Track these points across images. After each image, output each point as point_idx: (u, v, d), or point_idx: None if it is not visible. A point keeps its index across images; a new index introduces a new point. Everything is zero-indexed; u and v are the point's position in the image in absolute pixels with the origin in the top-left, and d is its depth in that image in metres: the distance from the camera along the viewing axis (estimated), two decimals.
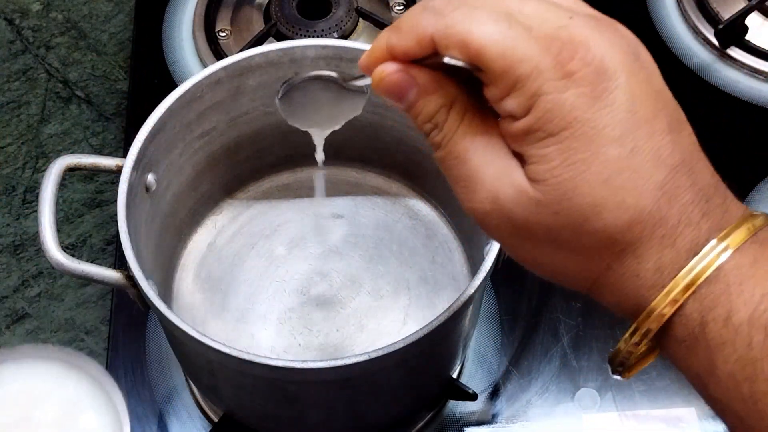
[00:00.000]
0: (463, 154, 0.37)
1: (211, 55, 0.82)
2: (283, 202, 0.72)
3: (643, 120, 0.35)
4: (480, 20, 0.35)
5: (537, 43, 0.34)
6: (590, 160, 0.34)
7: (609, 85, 0.34)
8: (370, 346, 0.64)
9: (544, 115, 0.34)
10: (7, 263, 0.77)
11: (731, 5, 0.85)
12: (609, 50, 0.35)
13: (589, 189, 0.34)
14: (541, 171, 0.35)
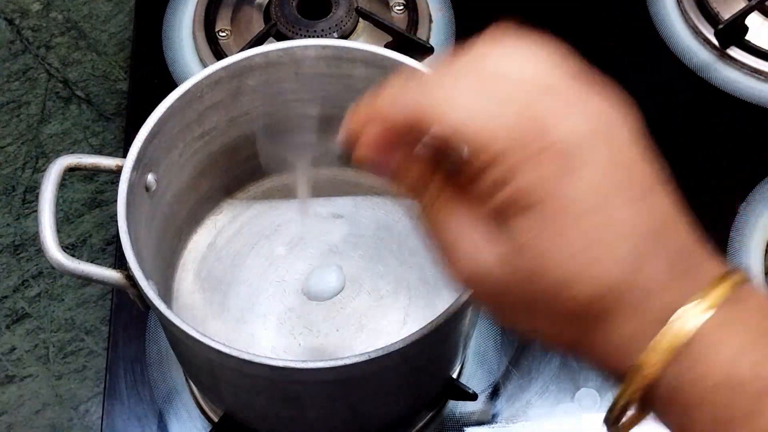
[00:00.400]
0: (445, 224, 0.39)
1: (211, 55, 0.82)
2: (283, 202, 0.72)
3: (613, 192, 0.36)
4: (455, 102, 0.36)
5: (509, 122, 0.36)
6: (561, 233, 0.36)
7: (578, 161, 0.36)
8: (370, 346, 0.64)
9: (518, 191, 0.36)
10: (7, 263, 0.77)
11: (731, 5, 0.85)
12: (578, 126, 0.36)
13: (561, 261, 0.36)
14: (516, 243, 0.36)
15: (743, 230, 0.74)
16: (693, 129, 0.81)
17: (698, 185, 0.77)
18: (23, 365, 0.72)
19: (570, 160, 0.35)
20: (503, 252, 0.37)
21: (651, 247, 0.36)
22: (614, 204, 0.36)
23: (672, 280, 0.36)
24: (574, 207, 0.35)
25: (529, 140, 0.35)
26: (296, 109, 0.67)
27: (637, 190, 0.37)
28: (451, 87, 0.37)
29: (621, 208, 0.36)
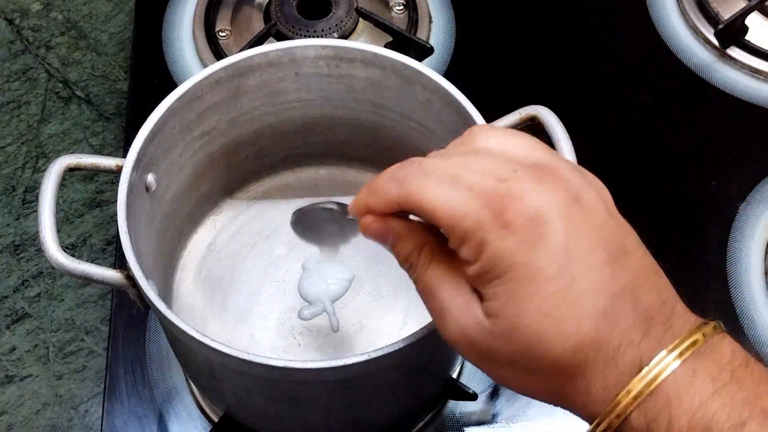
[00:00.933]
0: (433, 291, 0.43)
1: (211, 55, 0.82)
2: (283, 202, 0.72)
3: (579, 256, 0.39)
4: (429, 188, 0.41)
5: (478, 199, 0.39)
6: (531, 297, 0.39)
7: (544, 230, 0.39)
8: (370, 346, 0.64)
9: (489, 260, 0.39)
10: (7, 263, 0.77)
11: (731, 5, 0.85)
12: (544, 198, 0.39)
13: (533, 321, 0.39)
14: (493, 307, 0.40)
15: (743, 230, 0.74)
16: (693, 129, 0.81)
17: (698, 185, 0.77)
18: (23, 365, 0.72)
19: (538, 229, 0.39)
20: (481, 317, 0.41)
21: (624, 305, 0.39)
22: (584, 266, 0.39)
23: (645, 334, 0.39)
24: (543, 272, 0.39)
25: (498, 214, 0.39)
26: (296, 109, 0.67)
27: (605, 255, 0.39)
28: (427, 174, 0.42)
29: (592, 269, 0.39)
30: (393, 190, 0.43)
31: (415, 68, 0.61)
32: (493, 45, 0.86)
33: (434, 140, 0.65)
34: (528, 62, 0.85)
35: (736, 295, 0.71)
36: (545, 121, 0.58)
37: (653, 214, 0.76)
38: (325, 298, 0.63)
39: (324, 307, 0.62)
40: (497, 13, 0.88)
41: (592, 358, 0.39)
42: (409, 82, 0.62)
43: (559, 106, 0.60)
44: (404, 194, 0.42)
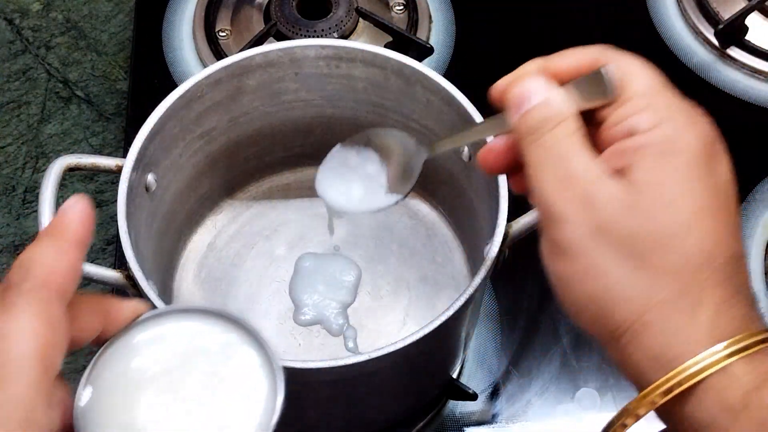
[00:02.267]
0: (568, 153, 0.40)
1: (211, 55, 0.82)
2: (283, 202, 0.72)
3: (732, 197, 0.40)
4: (635, 61, 0.43)
5: (672, 93, 0.42)
6: (696, 190, 0.38)
7: (720, 149, 0.40)
8: (370, 346, 0.64)
9: (670, 136, 0.39)
10: (7, 263, 0.77)
11: (731, 5, 0.85)
12: (714, 132, 0.41)
13: (687, 211, 0.38)
14: (645, 181, 0.38)
15: (743, 230, 0.74)
16: None
17: None
18: None
19: (716, 146, 0.40)
20: (620, 188, 0.39)
21: (720, 277, 0.38)
22: (731, 209, 0.39)
23: (732, 306, 0.38)
24: (716, 179, 0.39)
25: (686, 108, 0.40)
26: (296, 109, 0.67)
27: (729, 221, 0.39)
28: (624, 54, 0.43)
29: (731, 215, 0.39)
30: (592, 49, 0.43)
31: (415, 68, 0.61)
32: (493, 45, 0.86)
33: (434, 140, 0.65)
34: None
35: None
36: None
37: None
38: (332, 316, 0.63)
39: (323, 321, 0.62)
40: (497, 13, 0.88)
41: (710, 285, 0.38)
42: (409, 82, 0.62)
43: None
44: (607, 53, 0.42)
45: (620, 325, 0.39)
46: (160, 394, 0.38)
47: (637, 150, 0.39)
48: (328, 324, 0.65)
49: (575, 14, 0.88)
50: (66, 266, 0.36)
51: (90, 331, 0.38)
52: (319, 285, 0.67)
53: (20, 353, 0.33)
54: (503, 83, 0.44)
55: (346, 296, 0.67)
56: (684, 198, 0.38)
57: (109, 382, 0.38)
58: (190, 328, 0.40)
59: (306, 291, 0.67)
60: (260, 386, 0.39)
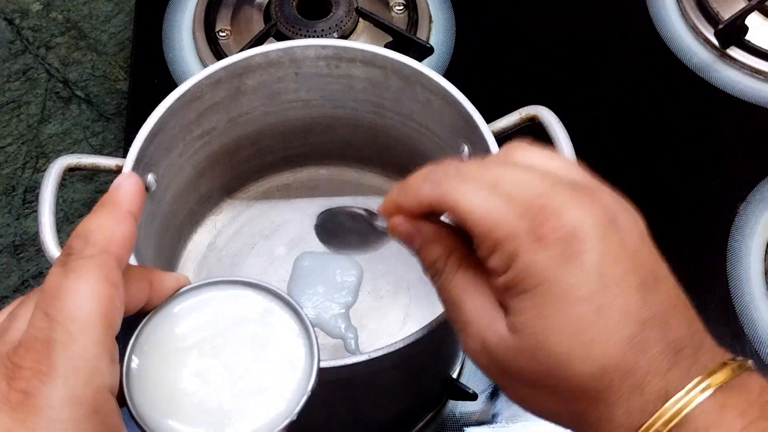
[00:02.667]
0: (458, 301, 0.42)
1: (211, 55, 0.82)
2: (283, 202, 0.72)
3: (612, 280, 0.38)
4: (466, 191, 0.40)
5: (514, 209, 0.39)
6: (560, 315, 0.38)
7: (579, 249, 0.38)
8: (370, 346, 0.64)
9: (520, 273, 0.38)
10: (7, 263, 0.77)
11: (731, 5, 0.85)
12: (582, 217, 0.38)
13: (560, 340, 0.38)
14: (518, 322, 0.39)
15: (743, 230, 0.74)
16: (693, 129, 0.81)
17: (698, 185, 0.77)
18: None
19: (573, 247, 0.38)
20: (505, 332, 0.39)
21: (653, 334, 0.38)
22: (615, 291, 0.38)
23: (673, 364, 0.38)
24: (573, 292, 0.37)
25: (534, 227, 0.38)
26: (296, 109, 0.67)
27: (636, 281, 0.38)
28: (465, 178, 0.41)
29: (622, 294, 0.38)
30: (427, 189, 0.42)
31: (415, 68, 0.61)
32: (493, 45, 0.86)
33: (434, 140, 0.65)
34: (528, 62, 0.85)
35: (736, 295, 0.71)
36: (545, 121, 0.58)
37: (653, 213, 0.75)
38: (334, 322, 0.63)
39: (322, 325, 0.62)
40: (497, 13, 0.88)
41: (617, 384, 0.38)
42: (409, 82, 0.62)
43: (559, 106, 0.60)
44: (438, 195, 0.41)
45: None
46: (202, 360, 0.40)
47: (505, 293, 0.39)
48: (329, 327, 0.65)
49: (575, 14, 0.88)
50: (122, 235, 0.38)
51: (138, 300, 0.41)
52: (318, 286, 0.67)
53: (85, 312, 0.36)
54: (381, 212, 0.46)
55: (347, 297, 0.66)
56: (566, 321, 0.38)
57: (153, 349, 0.40)
58: (230, 297, 0.42)
59: (304, 292, 0.67)
60: (298, 351, 0.41)
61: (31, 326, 0.36)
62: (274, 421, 0.40)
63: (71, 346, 0.35)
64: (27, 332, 0.36)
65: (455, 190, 0.40)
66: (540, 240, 0.38)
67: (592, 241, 0.38)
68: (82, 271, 0.36)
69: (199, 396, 0.39)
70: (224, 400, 0.40)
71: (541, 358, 0.38)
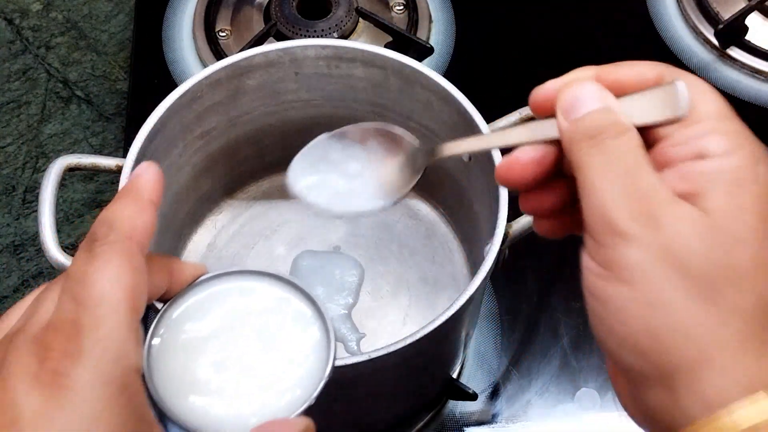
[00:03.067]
0: (634, 167, 0.36)
1: (211, 55, 0.82)
2: (283, 202, 0.72)
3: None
4: (705, 84, 0.39)
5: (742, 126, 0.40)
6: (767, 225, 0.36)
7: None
8: (370, 346, 0.64)
9: (745, 163, 0.37)
10: (7, 263, 0.77)
11: (731, 5, 0.85)
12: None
13: (760, 248, 0.35)
14: (720, 212, 0.35)
15: None
16: None
17: None
18: None
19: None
20: (695, 215, 0.35)
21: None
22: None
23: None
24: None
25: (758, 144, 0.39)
26: (296, 109, 0.67)
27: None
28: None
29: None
30: (653, 64, 0.40)
31: (415, 68, 0.61)
32: (493, 45, 0.86)
33: (434, 140, 0.65)
34: (528, 62, 0.85)
35: None
36: None
37: None
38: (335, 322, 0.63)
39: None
40: (497, 13, 0.88)
41: (765, 324, 0.35)
42: (409, 82, 0.62)
43: None
44: (673, 70, 0.39)
45: (678, 363, 0.35)
46: (220, 348, 0.41)
47: (709, 175, 0.36)
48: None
49: (575, 14, 0.88)
50: (144, 222, 0.39)
51: (159, 288, 0.41)
52: (318, 286, 0.67)
53: (111, 296, 0.36)
54: (551, 86, 0.41)
55: (348, 298, 0.66)
56: (757, 234, 0.35)
57: (173, 336, 0.41)
58: (247, 287, 0.43)
59: None
60: (314, 337, 0.42)
61: (58, 309, 0.36)
62: (293, 405, 0.40)
63: (99, 329, 0.35)
64: (55, 315, 0.36)
65: (683, 72, 0.39)
66: (762, 156, 0.39)
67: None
68: (107, 257, 0.37)
69: (216, 382, 0.40)
70: (242, 385, 0.40)
71: (737, 255, 0.35)
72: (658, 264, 0.35)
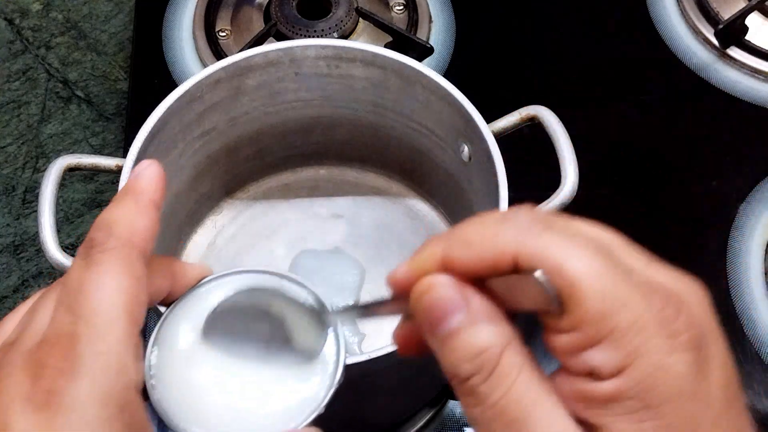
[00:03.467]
0: (522, 419, 0.29)
1: (211, 55, 0.82)
2: (283, 202, 0.72)
3: (733, 397, 0.30)
4: (577, 249, 0.29)
5: (639, 290, 0.28)
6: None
7: (707, 354, 0.29)
8: (370, 346, 0.64)
9: (644, 380, 0.28)
10: (7, 263, 0.77)
11: (731, 5, 0.85)
12: (703, 313, 0.30)
13: None
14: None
15: (743, 230, 0.74)
16: (693, 129, 0.81)
17: (698, 185, 0.77)
18: None
19: (702, 353, 0.29)
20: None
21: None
22: (734, 413, 0.30)
23: None
24: (707, 412, 0.28)
25: (666, 317, 0.28)
26: (296, 109, 0.67)
27: (739, 399, 0.31)
28: (570, 234, 0.30)
29: (739, 417, 0.30)
30: (511, 239, 0.30)
31: (415, 68, 0.61)
32: (493, 45, 0.86)
33: (434, 140, 0.65)
34: (528, 62, 0.85)
35: (736, 295, 0.71)
36: (545, 121, 0.58)
37: (653, 213, 0.76)
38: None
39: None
40: (497, 13, 0.88)
41: None
42: (409, 82, 0.62)
43: (559, 106, 0.60)
44: (533, 248, 0.29)
45: None
46: (225, 355, 0.39)
47: (607, 406, 0.28)
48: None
49: (575, 14, 0.88)
50: (145, 225, 0.38)
51: (161, 292, 0.39)
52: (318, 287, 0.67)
53: (110, 307, 0.34)
54: (403, 274, 0.35)
55: (348, 299, 0.66)
56: None
57: (175, 343, 0.40)
58: (253, 289, 0.41)
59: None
60: (322, 344, 0.40)
61: (54, 321, 0.34)
62: (301, 414, 0.38)
63: (97, 343, 0.33)
64: (50, 328, 0.34)
65: (561, 244, 0.29)
66: (672, 337, 0.28)
67: (715, 345, 0.29)
68: (106, 265, 0.35)
69: (222, 391, 0.39)
70: (249, 394, 0.39)
71: None
72: None
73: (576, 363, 0.29)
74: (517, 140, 0.60)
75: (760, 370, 0.68)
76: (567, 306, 0.29)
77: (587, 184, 0.58)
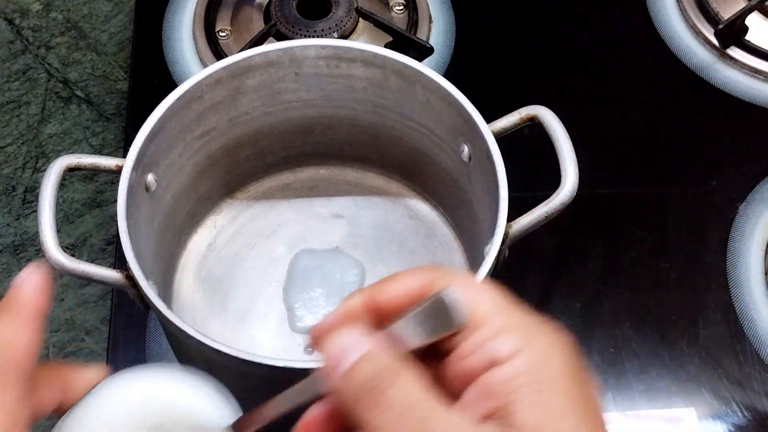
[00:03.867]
0: (424, 413, 0.33)
1: (211, 55, 0.82)
2: (283, 202, 0.72)
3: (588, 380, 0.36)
4: (476, 284, 0.36)
5: (522, 307, 0.36)
6: (575, 416, 0.33)
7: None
8: None
9: (538, 362, 0.34)
10: (7, 263, 0.77)
11: (731, 5, 0.85)
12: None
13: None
14: (530, 425, 0.32)
15: (743, 230, 0.74)
16: (693, 129, 0.81)
17: (698, 185, 0.77)
18: None
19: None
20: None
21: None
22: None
23: None
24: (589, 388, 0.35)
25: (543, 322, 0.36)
26: (296, 109, 0.67)
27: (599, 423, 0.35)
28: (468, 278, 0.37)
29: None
30: (424, 270, 0.36)
31: (415, 68, 0.61)
32: (493, 45, 0.86)
33: (434, 140, 0.65)
34: (528, 62, 0.85)
35: (736, 295, 0.71)
36: (545, 121, 0.58)
37: (653, 214, 0.76)
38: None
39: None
40: (497, 14, 0.88)
41: None
42: (409, 82, 0.62)
43: (559, 106, 0.60)
44: (440, 275, 0.36)
45: None
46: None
47: (506, 386, 0.33)
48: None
49: (575, 14, 0.88)
50: (26, 341, 0.36)
51: (50, 403, 0.38)
52: (317, 287, 0.67)
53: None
54: (324, 328, 0.36)
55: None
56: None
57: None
58: (155, 387, 0.39)
59: (302, 295, 0.67)
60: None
61: None
62: None
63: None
64: None
65: (462, 277, 0.36)
66: (554, 343, 0.35)
67: (581, 362, 0.36)
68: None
69: None
70: None
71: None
72: None
73: (478, 359, 0.34)
74: (517, 140, 0.60)
75: (760, 370, 0.68)
76: (474, 312, 0.35)
77: (587, 184, 0.58)
